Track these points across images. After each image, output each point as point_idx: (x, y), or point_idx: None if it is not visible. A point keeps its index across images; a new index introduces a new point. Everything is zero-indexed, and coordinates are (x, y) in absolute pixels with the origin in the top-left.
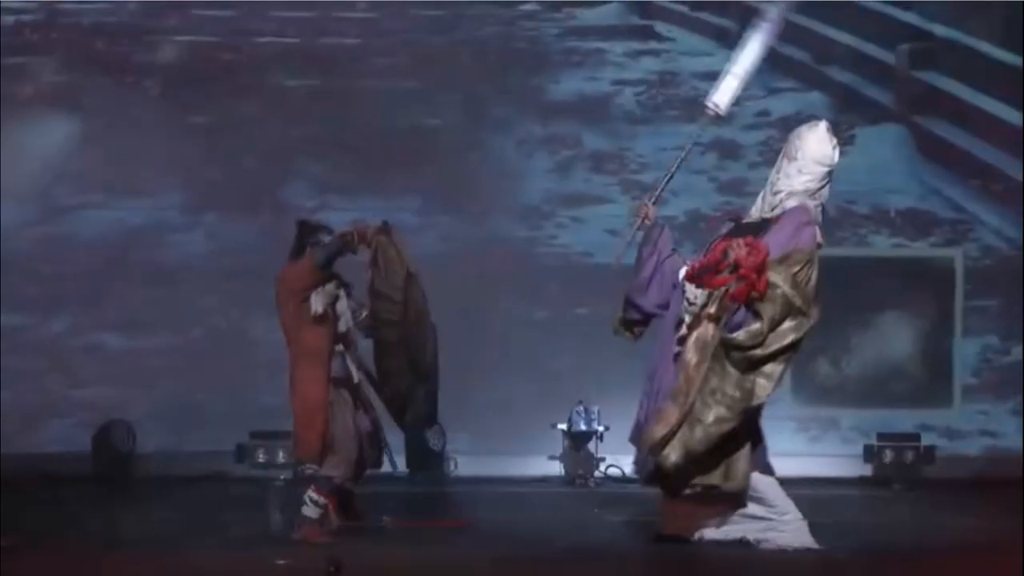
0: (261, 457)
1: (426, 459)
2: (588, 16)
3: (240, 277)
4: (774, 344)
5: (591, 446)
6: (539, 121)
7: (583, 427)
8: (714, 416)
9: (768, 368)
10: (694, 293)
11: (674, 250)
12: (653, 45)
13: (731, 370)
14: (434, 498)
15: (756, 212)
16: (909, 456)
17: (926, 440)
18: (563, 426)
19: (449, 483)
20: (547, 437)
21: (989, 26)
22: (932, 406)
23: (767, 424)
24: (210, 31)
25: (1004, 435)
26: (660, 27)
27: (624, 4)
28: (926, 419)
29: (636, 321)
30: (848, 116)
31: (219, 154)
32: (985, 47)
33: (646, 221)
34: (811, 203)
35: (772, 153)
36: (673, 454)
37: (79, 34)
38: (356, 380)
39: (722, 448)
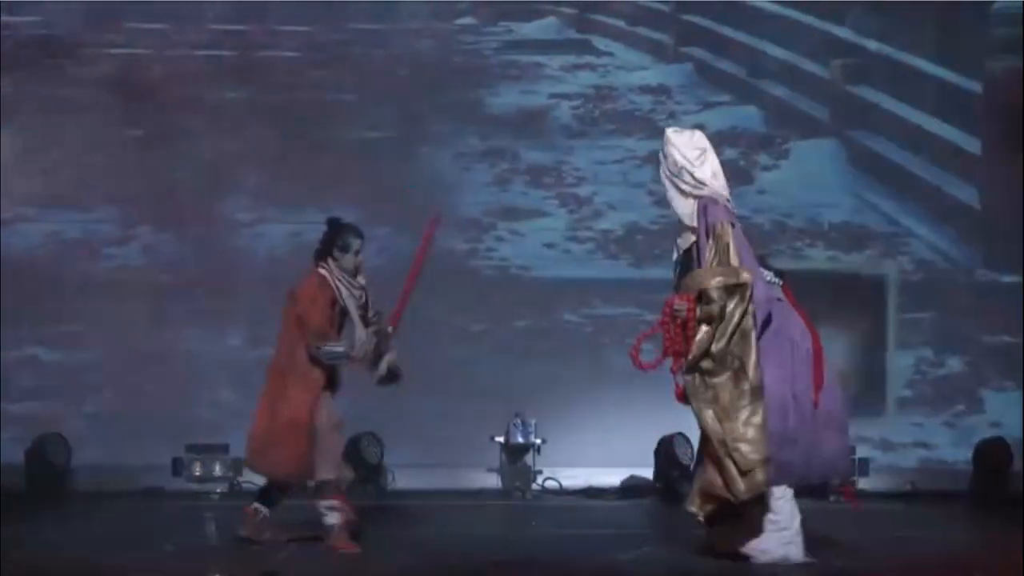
0: (197, 470)
1: (363, 471)
2: (526, 30)
3: (176, 290)
4: (727, 329)
5: (528, 458)
6: (477, 134)
7: (520, 439)
8: (743, 420)
9: (736, 349)
10: None
11: None
12: (590, 59)
13: (714, 380)
14: (370, 510)
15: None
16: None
17: (861, 452)
18: (500, 438)
19: (386, 496)
20: (485, 449)
21: (921, 41)
22: (866, 418)
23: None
24: (145, 44)
25: (938, 446)
26: (597, 41)
27: (561, 18)
28: (860, 431)
29: None
30: (782, 130)
31: (155, 167)
32: (917, 62)
33: None
34: (703, 190)
35: None
36: (759, 473)
37: (13, 46)
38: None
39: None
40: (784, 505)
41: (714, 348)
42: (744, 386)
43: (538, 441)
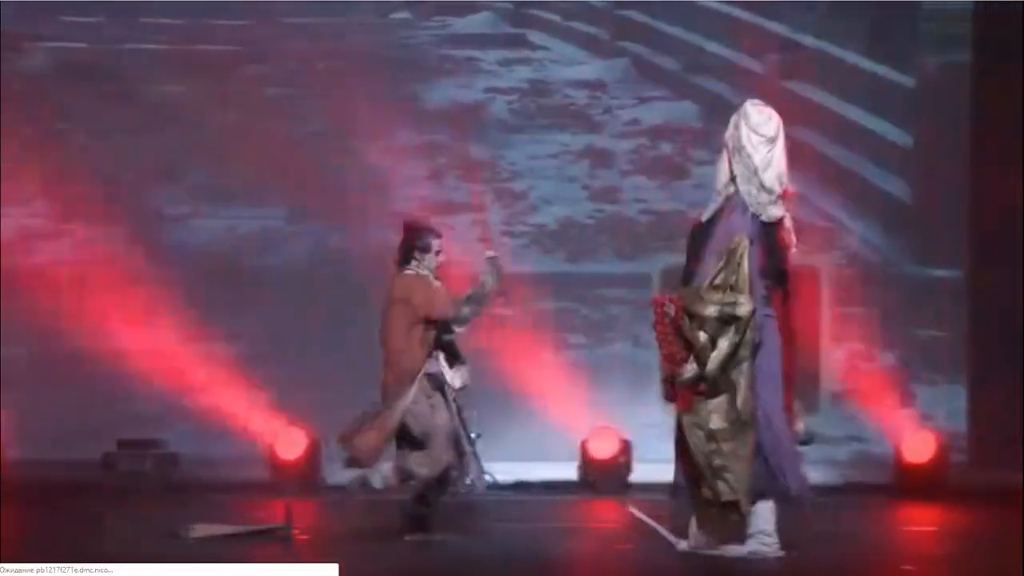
0: (128, 466)
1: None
2: (461, 25)
3: (108, 285)
4: (717, 361)
5: None
6: (412, 129)
7: None
8: (731, 448)
9: (732, 375)
10: None
11: None
12: (525, 54)
13: (710, 403)
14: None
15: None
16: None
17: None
18: None
19: (319, 492)
20: None
21: (855, 37)
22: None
23: (640, 432)
24: (80, 38)
25: (870, 440)
26: (532, 36)
27: (496, 13)
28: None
29: None
30: (718, 125)
31: (89, 161)
32: (851, 57)
33: None
34: (744, 188)
35: (642, 160)
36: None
37: None
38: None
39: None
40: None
41: (707, 371)
42: (732, 415)
43: (473, 435)
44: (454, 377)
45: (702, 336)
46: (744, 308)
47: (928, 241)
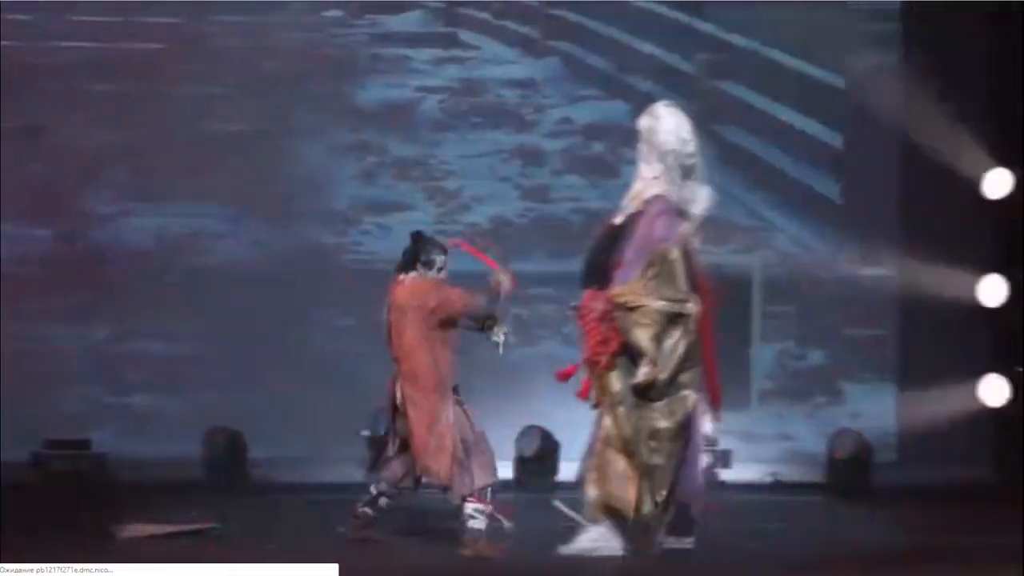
0: (58, 466)
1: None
2: (393, 23)
3: (39, 284)
4: (671, 362)
5: None
6: (345, 127)
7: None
8: (670, 450)
9: (683, 378)
10: None
11: None
12: (457, 53)
13: (655, 405)
14: (233, 506)
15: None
16: (707, 459)
17: (723, 444)
18: (367, 432)
19: (251, 491)
20: (352, 443)
21: (785, 36)
22: (730, 410)
23: (568, 425)
24: (8, 35)
25: (799, 438)
26: (464, 35)
27: (428, 11)
28: (723, 423)
29: None
30: None
31: (18, 160)
32: (781, 57)
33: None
34: (671, 189)
35: (575, 160)
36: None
37: None
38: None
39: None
40: None
41: (660, 379)
42: (680, 417)
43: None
44: None
45: (645, 337)
46: (690, 305)
47: (858, 241)
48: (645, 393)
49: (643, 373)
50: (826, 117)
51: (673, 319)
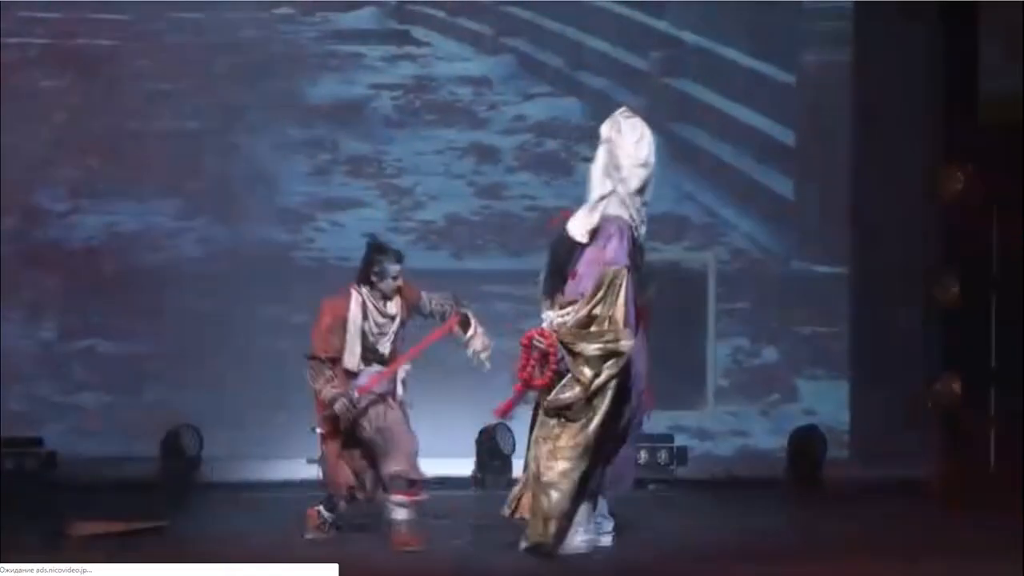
0: (8, 465)
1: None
2: (345, 20)
3: None
4: (604, 397)
5: None
6: (296, 124)
7: None
8: (564, 471)
9: (595, 401)
10: None
11: None
12: (410, 50)
13: (566, 423)
14: (189, 503)
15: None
16: (663, 456)
17: (679, 441)
18: (321, 430)
19: (205, 488)
20: (306, 440)
21: (737, 34)
22: (686, 408)
23: (519, 423)
24: None
25: (753, 435)
26: (417, 32)
27: (381, 8)
28: (679, 420)
29: None
30: (601, 122)
31: None
32: (732, 54)
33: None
34: (624, 210)
35: (528, 157)
36: (553, 525)
37: None
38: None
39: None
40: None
41: (579, 397)
42: (580, 439)
43: None
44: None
45: (587, 371)
46: (625, 344)
47: (810, 237)
48: (563, 411)
49: (572, 394)
50: (777, 114)
51: (607, 358)
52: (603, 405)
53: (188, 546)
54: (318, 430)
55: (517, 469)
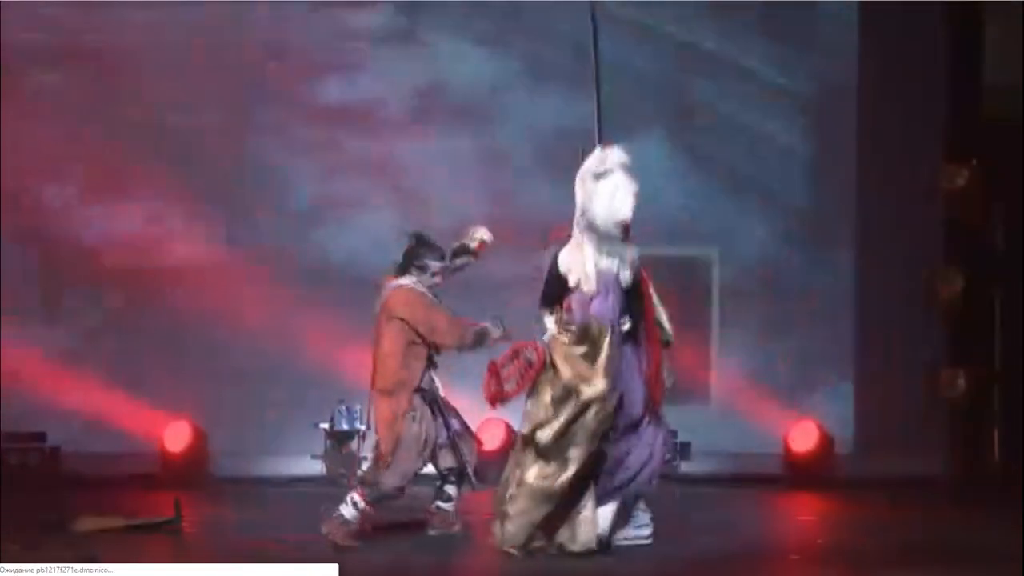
0: (14, 460)
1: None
2: (357, 20)
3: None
4: (553, 429)
5: (353, 445)
6: (305, 125)
7: (345, 426)
8: (525, 507)
9: (567, 452)
10: None
11: None
12: (420, 51)
13: (538, 459)
14: (193, 499)
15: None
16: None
17: (682, 436)
18: (325, 425)
19: (209, 484)
20: (309, 436)
21: (754, 40)
22: (691, 403)
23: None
24: None
25: (759, 432)
26: (427, 33)
27: (391, 9)
28: (684, 416)
29: None
30: (613, 128)
31: None
32: (749, 61)
33: None
34: (605, 259)
35: (538, 159)
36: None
37: None
38: (438, 389)
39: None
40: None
41: (539, 438)
42: (547, 484)
43: (363, 427)
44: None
45: (548, 394)
46: (592, 390)
47: (815, 234)
48: (529, 442)
49: (538, 434)
50: (783, 114)
51: (571, 392)
52: (573, 460)
53: (190, 542)
54: (322, 425)
55: None
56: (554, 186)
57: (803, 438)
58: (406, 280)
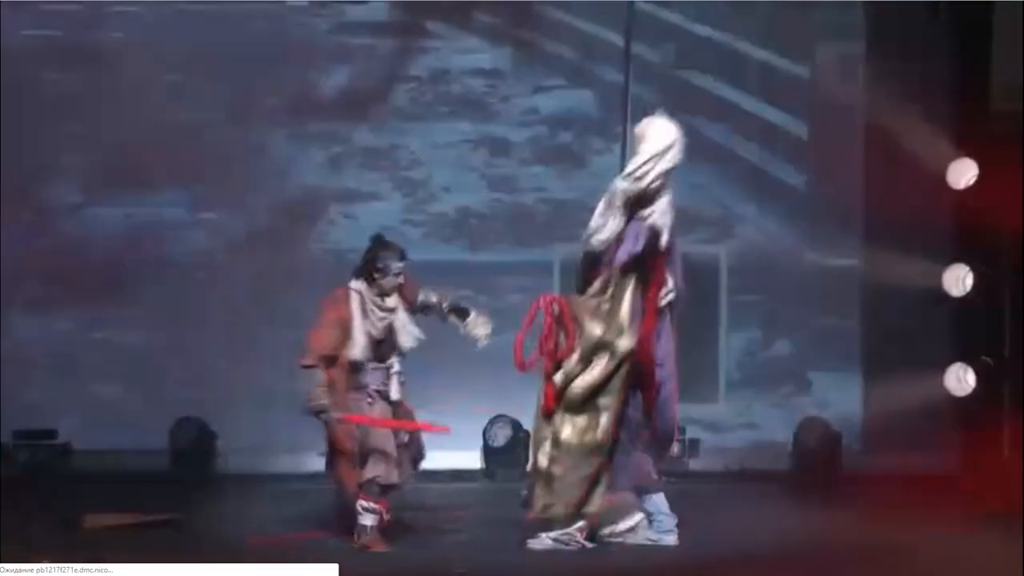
0: (23, 457)
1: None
2: (359, 12)
3: (5, 275)
4: (586, 382)
5: None
6: (310, 116)
7: None
8: (572, 464)
9: (602, 401)
10: None
11: None
12: (424, 42)
13: (568, 416)
14: (202, 494)
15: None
16: (675, 449)
17: (691, 433)
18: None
19: (217, 480)
20: (318, 433)
21: (750, 26)
22: (699, 400)
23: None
24: None
25: (765, 427)
26: (430, 24)
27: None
28: (692, 413)
29: None
30: (614, 114)
31: None
32: (745, 46)
33: None
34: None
35: (541, 150)
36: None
37: None
38: (396, 397)
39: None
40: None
41: (572, 391)
42: (589, 437)
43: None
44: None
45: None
46: (624, 344)
47: (823, 229)
48: (559, 399)
49: (563, 371)
50: (791, 107)
51: (604, 346)
52: (609, 410)
53: (198, 540)
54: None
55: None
56: (555, 175)
57: (811, 432)
58: (355, 284)
